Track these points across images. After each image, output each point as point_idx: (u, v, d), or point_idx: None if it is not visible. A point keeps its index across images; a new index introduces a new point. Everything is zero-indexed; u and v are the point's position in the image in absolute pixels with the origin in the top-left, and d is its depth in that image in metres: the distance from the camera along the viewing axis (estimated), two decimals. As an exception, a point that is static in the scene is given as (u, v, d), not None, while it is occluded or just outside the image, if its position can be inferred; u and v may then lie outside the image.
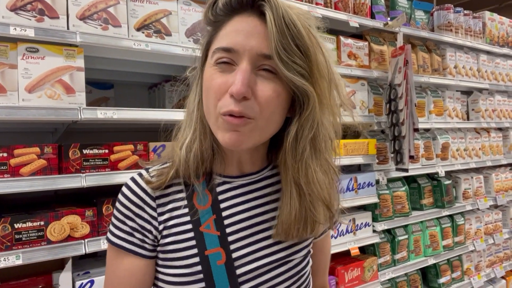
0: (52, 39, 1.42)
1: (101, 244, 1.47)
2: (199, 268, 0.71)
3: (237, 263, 0.73)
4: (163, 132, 0.81)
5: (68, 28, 1.47)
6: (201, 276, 0.71)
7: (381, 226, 2.35)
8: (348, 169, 2.37)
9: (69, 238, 1.42)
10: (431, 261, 2.63)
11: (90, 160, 1.47)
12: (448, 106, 2.90)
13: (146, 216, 0.74)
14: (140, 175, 0.77)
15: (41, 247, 1.37)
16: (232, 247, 0.73)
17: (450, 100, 2.93)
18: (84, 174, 1.44)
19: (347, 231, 2.21)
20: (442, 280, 2.74)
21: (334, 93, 0.72)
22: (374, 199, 2.30)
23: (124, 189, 0.76)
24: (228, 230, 0.74)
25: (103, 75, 2.04)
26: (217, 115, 0.67)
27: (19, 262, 1.32)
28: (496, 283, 3.12)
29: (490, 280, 3.10)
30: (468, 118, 3.18)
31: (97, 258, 1.71)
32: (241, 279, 0.72)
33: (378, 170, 2.37)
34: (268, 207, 0.77)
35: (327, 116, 0.71)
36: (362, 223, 2.28)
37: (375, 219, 2.36)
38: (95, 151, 1.49)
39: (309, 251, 0.82)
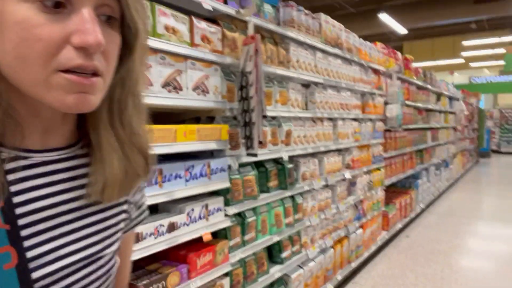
0: None
1: None
2: None
3: (33, 265, 0.56)
4: None
5: None
6: None
7: (232, 210, 2.41)
8: (202, 156, 2.35)
9: None
10: (275, 239, 2.85)
11: None
12: (291, 97, 3.17)
13: None
14: None
15: None
16: (27, 244, 0.56)
17: (293, 91, 3.20)
18: None
19: (199, 217, 2.19)
20: (284, 254, 3.01)
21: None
22: (227, 184, 2.35)
23: None
24: (21, 222, 0.56)
25: None
26: (49, 73, 0.52)
27: None
28: (326, 252, 3.61)
29: (322, 250, 3.57)
30: (306, 108, 3.55)
31: None
32: (37, 285, 0.57)
33: (230, 155, 2.42)
34: (79, 193, 0.64)
35: (142, 68, 0.65)
36: (214, 208, 2.29)
37: (227, 203, 2.40)
38: None
39: (118, 246, 0.73)
